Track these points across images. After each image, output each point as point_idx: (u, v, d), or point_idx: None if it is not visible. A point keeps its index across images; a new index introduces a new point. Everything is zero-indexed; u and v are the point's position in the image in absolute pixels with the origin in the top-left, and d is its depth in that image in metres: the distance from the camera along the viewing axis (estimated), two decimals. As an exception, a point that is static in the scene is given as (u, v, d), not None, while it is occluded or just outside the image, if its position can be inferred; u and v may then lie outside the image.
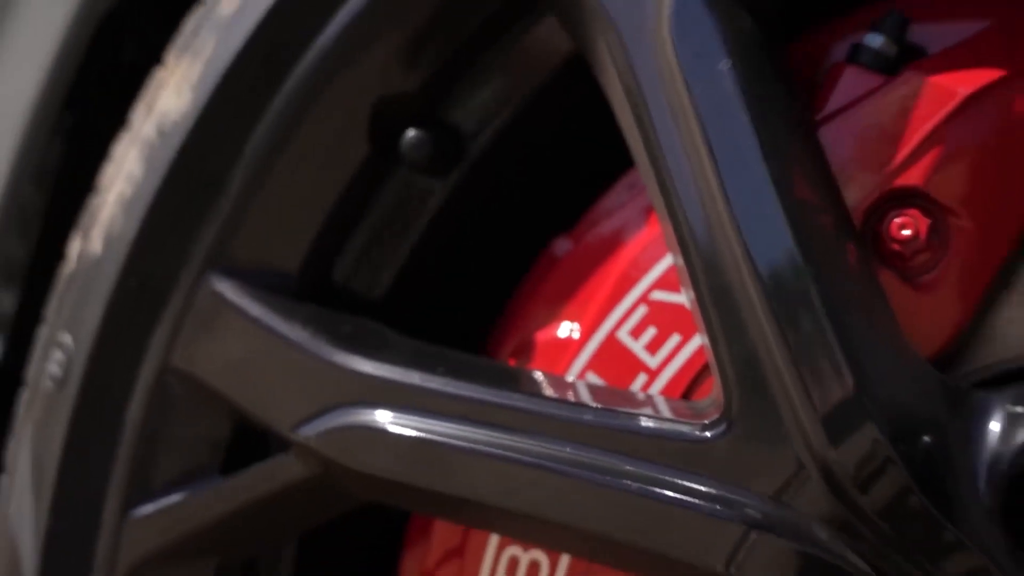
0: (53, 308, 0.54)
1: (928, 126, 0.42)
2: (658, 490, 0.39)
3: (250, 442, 0.49)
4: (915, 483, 0.37)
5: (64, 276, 0.54)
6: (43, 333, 0.55)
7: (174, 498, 0.48)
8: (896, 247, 0.41)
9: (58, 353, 0.52)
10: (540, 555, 0.45)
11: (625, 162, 0.46)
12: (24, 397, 0.55)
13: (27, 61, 0.61)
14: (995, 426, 0.39)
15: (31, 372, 0.55)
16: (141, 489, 0.49)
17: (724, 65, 0.40)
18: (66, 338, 0.52)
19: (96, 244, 0.52)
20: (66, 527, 0.50)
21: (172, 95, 0.51)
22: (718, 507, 0.38)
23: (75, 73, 0.61)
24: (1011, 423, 0.39)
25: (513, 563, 0.45)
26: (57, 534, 0.50)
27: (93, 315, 0.50)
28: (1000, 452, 0.38)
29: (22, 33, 0.62)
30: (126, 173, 0.52)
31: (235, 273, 0.48)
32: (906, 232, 0.41)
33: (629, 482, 0.39)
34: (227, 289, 0.48)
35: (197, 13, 0.53)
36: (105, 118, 0.64)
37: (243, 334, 0.47)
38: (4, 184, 0.62)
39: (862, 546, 0.38)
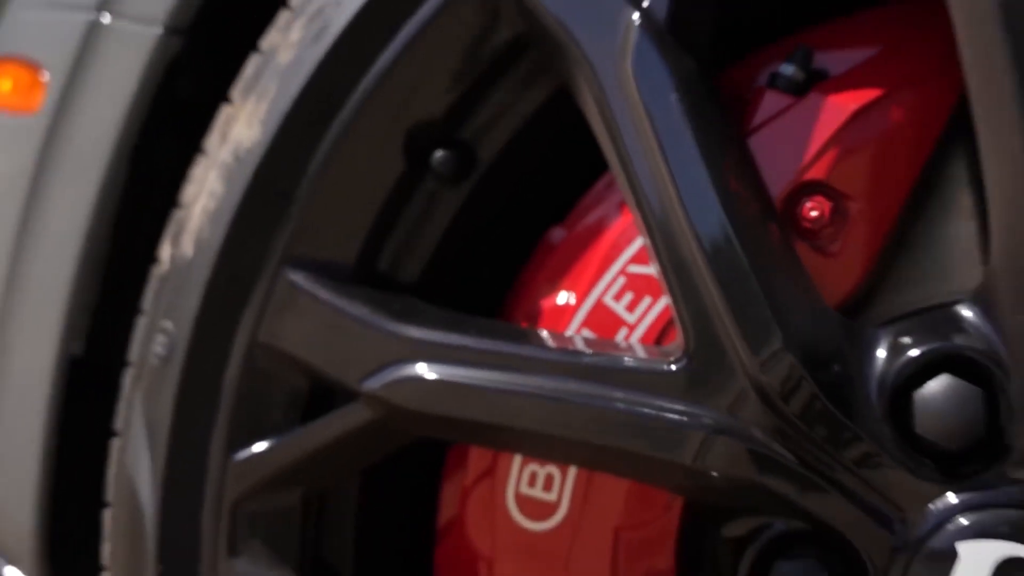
0: (151, 302, 0.68)
1: (828, 133, 0.56)
2: (640, 409, 0.53)
3: (321, 398, 0.63)
4: (823, 395, 0.51)
5: (158, 276, 0.68)
6: (142, 323, 0.69)
7: (266, 444, 0.62)
8: (807, 225, 0.56)
9: (161, 336, 0.66)
10: (554, 469, 0.59)
11: (601, 166, 0.60)
12: (130, 374, 0.69)
13: (113, 98, 0.75)
14: (882, 353, 0.53)
15: (135, 354, 0.68)
16: (239, 438, 0.62)
17: (673, 96, 0.54)
18: (167, 324, 0.65)
19: (187, 248, 0.65)
20: (179, 473, 0.64)
21: (244, 127, 0.64)
22: (685, 419, 0.52)
23: (147, 108, 0.75)
24: (894, 350, 0.53)
25: (532, 477, 0.59)
26: (172, 479, 0.64)
27: (191, 305, 0.64)
28: (886, 371, 0.53)
29: (108, 75, 0.75)
30: (208, 190, 0.65)
31: (305, 266, 0.62)
32: (814, 213, 0.56)
33: (619, 405, 0.53)
34: (300, 279, 0.61)
35: (256, 60, 0.66)
36: (166, 143, 0.77)
37: (316, 313, 0.60)
38: (95, 205, 0.75)
39: (788, 442, 0.52)
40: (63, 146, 0.77)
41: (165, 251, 0.68)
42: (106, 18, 0.75)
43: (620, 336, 0.59)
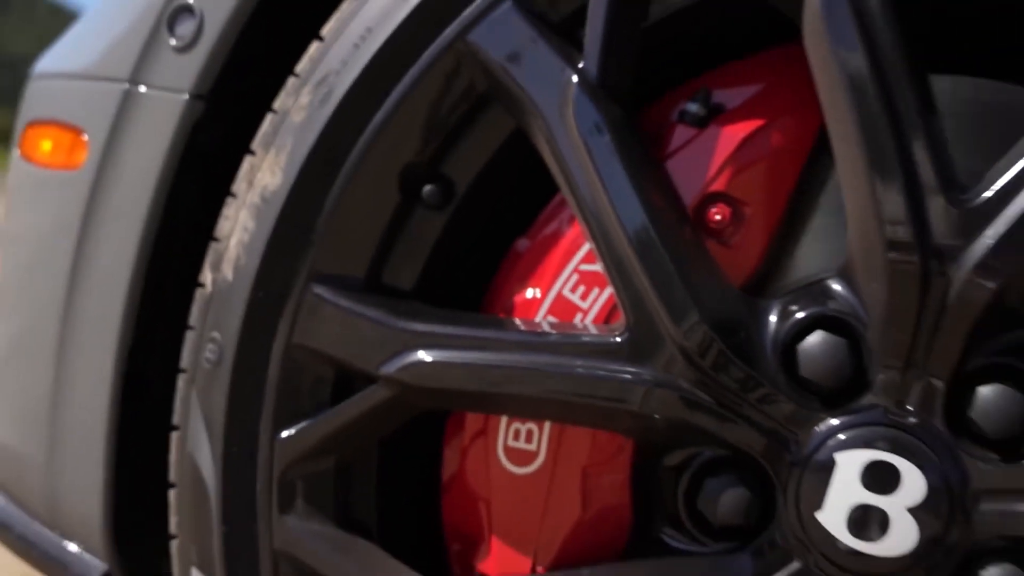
0: (198, 319, 0.84)
1: (725, 155, 0.74)
2: (596, 372, 0.70)
3: (345, 384, 0.79)
4: (731, 353, 0.69)
5: (202, 297, 0.84)
6: (191, 336, 0.85)
7: (304, 423, 0.78)
8: (713, 226, 0.73)
9: (211, 345, 0.82)
10: (532, 425, 0.76)
11: (553, 188, 0.77)
12: (184, 378, 0.85)
13: (148, 154, 0.90)
14: (774, 318, 0.71)
15: (187, 361, 0.84)
16: (283, 421, 0.79)
17: (606, 135, 0.71)
18: (216, 335, 0.82)
19: (228, 273, 0.82)
20: (236, 452, 0.80)
21: (267, 174, 0.81)
22: (630, 377, 0.70)
23: (177, 161, 0.91)
24: (783, 316, 0.71)
25: (516, 432, 0.77)
26: (230, 457, 0.80)
27: (235, 318, 0.80)
28: (777, 331, 0.70)
29: (143, 135, 0.91)
30: (241, 226, 0.82)
31: (327, 281, 0.78)
32: (718, 217, 0.73)
33: (580, 370, 0.70)
34: (324, 292, 0.78)
35: (273, 119, 0.83)
36: (192, 189, 0.93)
37: (339, 317, 0.77)
38: (139, 243, 0.91)
39: (708, 389, 0.69)
40: (107, 195, 0.93)
41: (207, 277, 0.84)
42: (140, 88, 0.92)
43: (577, 319, 0.76)
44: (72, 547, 0.99)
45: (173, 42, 0.89)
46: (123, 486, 0.95)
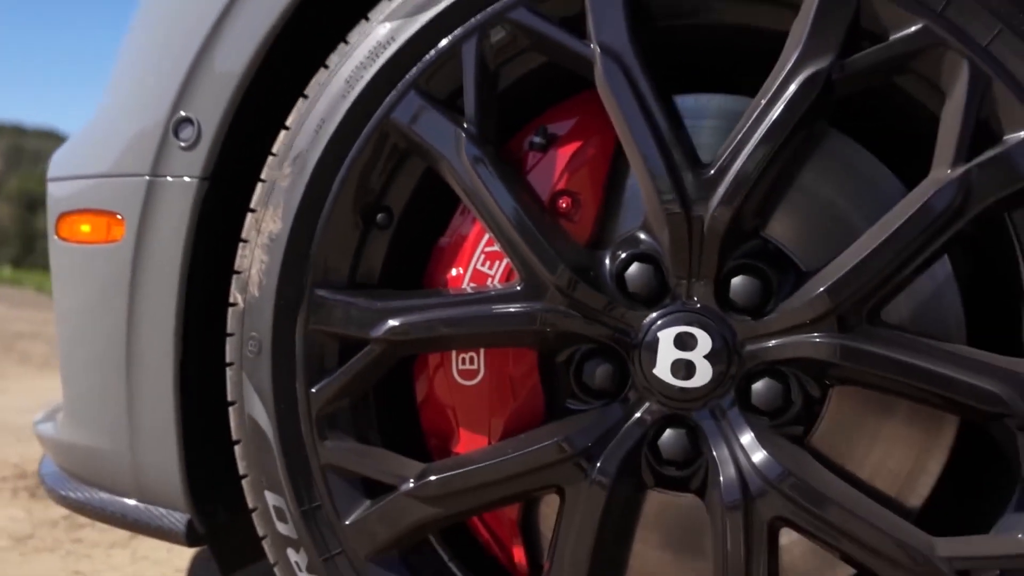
0: (235, 326, 1.25)
1: (561, 167, 1.18)
2: (507, 309, 1.14)
3: (347, 351, 1.21)
4: (585, 284, 1.13)
5: (236, 311, 1.25)
6: (232, 339, 1.26)
7: (326, 379, 1.20)
8: (562, 211, 1.18)
9: (251, 341, 1.23)
10: (473, 352, 1.20)
11: (454, 203, 1.21)
12: (234, 367, 1.26)
13: (174, 223, 1.31)
14: (608, 259, 1.16)
15: (233, 356, 1.25)
16: (312, 380, 1.21)
17: (488, 165, 1.15)
18: (254, 333, 1.23)
19: (255, 292, 1.23)
20: (284, 407, 1.21)
21: (271, 223, 1.23)
22: (529, 309, 1.14)
23: (196, 220, 1.31)
24: (613, 257, 1.16)
25: (463, 359, 1.20)
26: (280, 411, 1.22)
27: (266, 320, 1.22)
28: (611, 266, 1.15)
29: (168, 210, 1.31)
30: (258, 259, 1.23)
31: (323, 285, 1.20)
32: (564, 205, 1.18)
33: (496, 311, 1.15)
34: (323, 292, 1.20)
35: (264, 186, 1.24)
36: (205, 239, 1.34)
37: (336, 307, 1.19)
38: (178, 289, 1.31)
39: (576, 307, 1.13)
40: (148, 252, 1.33)
41: (236, 297, 1.25)
42: (160, 178, 1.32)
43: (489, 282, 1.20)
44: (160, 510, 1.39)
45: (181, 144, 1.30)
46: (189, 457, 1.36)
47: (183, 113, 1.30)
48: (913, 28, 1.06)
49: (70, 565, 1.97)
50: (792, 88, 1.07)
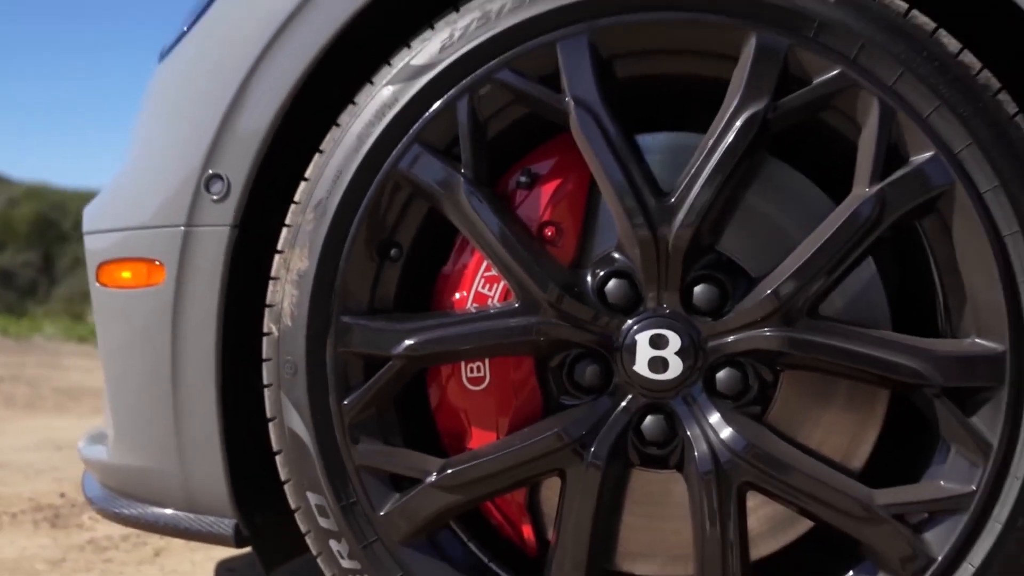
0: (271, 351, 1.45)
1: (545, 201, 1.40)
2: (508, 323, 1.35)
3: (371, 368, 1.42)
4: (571, 298, 1.35)
5: (272, 339, 1.45)
6: (269, 363, 1.46)
7: (355, 393, 1.41)
8: (548, 238, 1.40)
9: (288, 364, 1.43)
10: (480, 362, 1.41)
11: (453, 236, 1.43)
12: (272, 388, 1.46)
13: (210, 266, 1.51)
14: (589, 276, 1.37)
15: (270, 378, 1.45)
16: (342, 394, 1.41)
17: (484, 203, 1.36)
18: (289, 357, 1.43)
19: (288, 321, 1.43)
20: (320, 419, 1.41)
21: (298, 261, 1.43)
22: (526, 323, 1.35)
23: (229, 261, 1.51)
24: (593, 274, 1.38)
25: (471, 368, 1.42)
26: (317, 422, 1.42)
27: (300, 345, 1.42)
28: (592, 282, 1.37)
29: (203, 256, 1.51)
30: (288, 294, 1.44)
31: (347, 312, 1.40)
32: (549, 233, 1.40)
33: (499, 325, 1.36)
34: (347, 318, 1.40)
35: (290, 229, 1.45)
36: (235, 278, 1.54)
37: (360, 331, 1.40)
38: (216, 319, 1.51)
39: (566, 319, 1.35)
40: (188, 291, 1.53)
41: (270, 327, 1.45)
42: (196, 228, 1.52)
43: (489, 302, 1.42)
44: (210, 518, 1.58)
45: (213, 197, 1.50)
46: (233, 470, 1.56)
47: (213, 171, 1.50)
48: (832, 73, 1.29)
49: (107, 582, 2.16)
50: (735, 127, 1.30)
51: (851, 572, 1.36)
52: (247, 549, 1.74)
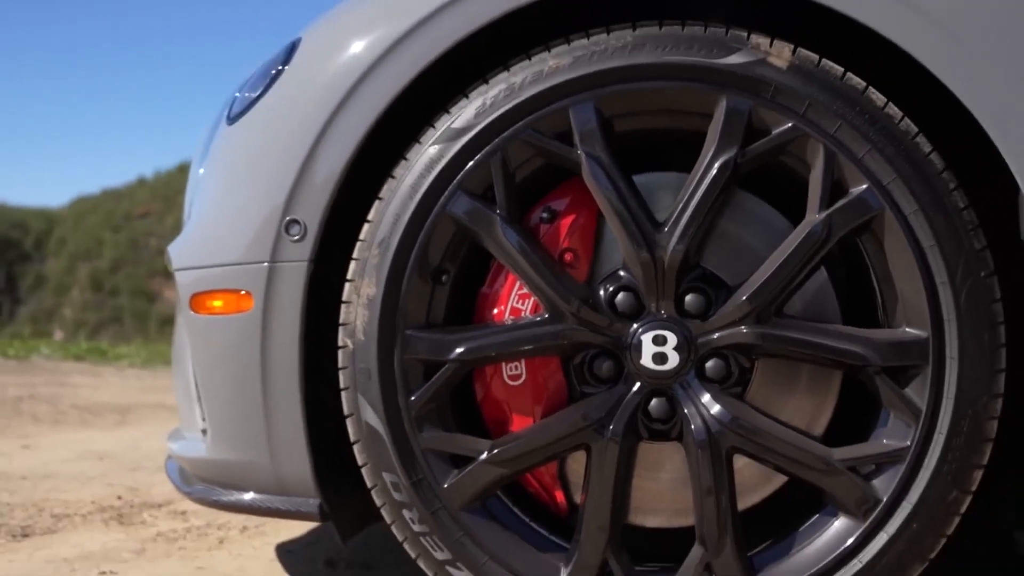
0: (346, 361, 1.80)
1: (564, 232, 1.76)
2: (539, 331, 1.71)
3: (429, 371, 1.77)
4: (590, 309, 1.71)
5: (347, 352, 1.80)
6: (345, 371, 1.81)
7: (419, 391, 1.76)
8: (567, 262, 1.76)
9: (363, 371, 1.79)
10: (517, 362, 1.77)
11: (488, 262, 1.78)
12: (349, 390, 1.81)
13: (292, 296, 1.86)
14: (601, 291, 1.74)
15: (347, 381, 1.81)
16: (408, 392, 1.76)
17: (516, 236, 1.72)
18: (363, 365, 1.78)
19: (360, 336, 1.78)
20: (392, 412, 1.77)
21: (367, 288, 1.78)
22: (552, 329, 1.71)
23: (307, 290, 1.86)
24: (604, 288, 1.74)
25: (511, 367, 1.77)
26: (389, 416, 1.77)
27: (373, 355, 1.77)
28: (603, 295, 1.73)
29: (286, 287, 1.86)
30: (360, 315, 1.79)
31: (409, 327, 1.76)
32: (569, 258, 1.76)
33: (533, 333, 1.72)
34: (411, 332, 1.76)
35: (358, 262, 1.80)
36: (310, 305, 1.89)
37: (421, 342, 1.75)
38: (299, 341, 1.86)
39: (586, 326, 1.71)
40: (274, 314, 1.87)
41: (345, 341, 1.81)
42: (278, 263, 1.87)
43: (522, 315, 1.78)
44: (298, 499, 1.93)
45: (293, 238, 1.85)
46: (315, 459, 1.91)
47: (291, 216, 1.85)
48: (786, 125, 1.66)
49: (188, 564, 2.51)
50: (713, 169, 1.66)
51: (817, 515, 1.73)
52: (302, 534, 2.10)
